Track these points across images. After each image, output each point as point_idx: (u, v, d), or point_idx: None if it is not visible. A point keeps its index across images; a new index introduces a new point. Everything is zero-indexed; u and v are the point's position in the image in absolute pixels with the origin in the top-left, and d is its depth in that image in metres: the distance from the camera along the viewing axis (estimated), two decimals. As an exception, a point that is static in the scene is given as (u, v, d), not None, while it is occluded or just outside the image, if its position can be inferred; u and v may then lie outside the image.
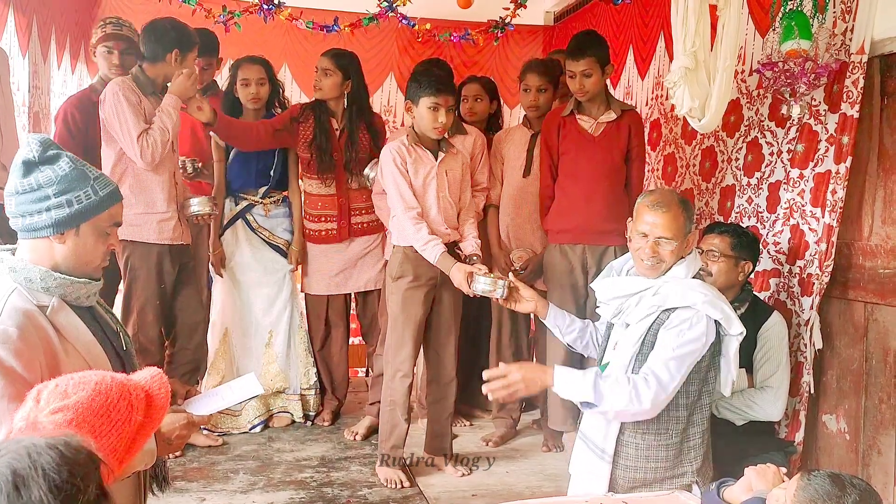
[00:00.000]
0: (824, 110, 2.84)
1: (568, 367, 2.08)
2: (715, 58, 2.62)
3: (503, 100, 4.16)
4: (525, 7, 4.46)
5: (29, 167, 1.57)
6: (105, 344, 1.66)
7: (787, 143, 3.04)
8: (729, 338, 2.11)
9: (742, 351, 2.20)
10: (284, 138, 3.56)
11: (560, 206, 3.28)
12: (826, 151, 2.83)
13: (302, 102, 3.74)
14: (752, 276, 2.92)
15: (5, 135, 3.04)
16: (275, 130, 3.51)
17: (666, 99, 3.95)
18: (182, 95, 3.17)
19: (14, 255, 1.62)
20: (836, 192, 2.77)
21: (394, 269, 3.05)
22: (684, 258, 2.18)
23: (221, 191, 3.69)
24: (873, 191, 2.74)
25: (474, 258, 2.99)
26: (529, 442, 3.55)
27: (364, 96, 3.62)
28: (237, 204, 3.67)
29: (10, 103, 3.32)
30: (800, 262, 2.92)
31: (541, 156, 3.39)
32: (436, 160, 3.02)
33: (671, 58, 2.80)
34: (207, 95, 3.57)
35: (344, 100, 3.56)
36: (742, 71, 3.31)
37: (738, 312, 2.70)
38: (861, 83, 2.69)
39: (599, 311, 2.34)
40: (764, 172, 3.17)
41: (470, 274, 2.75)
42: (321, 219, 3.63)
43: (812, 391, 2.88)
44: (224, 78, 3.99)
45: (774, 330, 2.70)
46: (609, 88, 3.43)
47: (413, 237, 2.92)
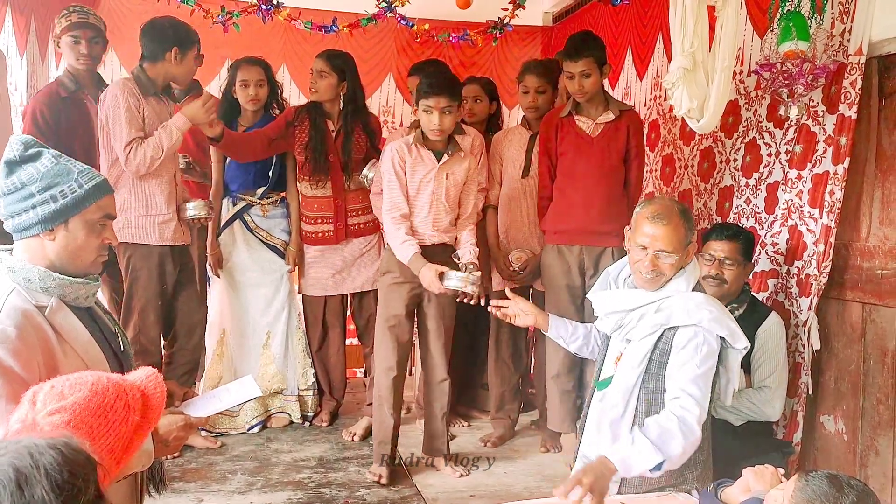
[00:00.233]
0: (822, 111, 2.85)
1: (617, 445, 1.91)
2: (713, 58, 2.62)
3: (502, 100, 4.15)
4: (524, 8, 4.45)
5: (11, 167, 1.58)
6: (103, 344, 1.66)
7: (786, 144, 3.04)
8: (733, 350, 2.06)
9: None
10: (280, 146, 3.54)
11: (558, 207, 3.27)
12: (824, 152, 2.83)
13: (296, 105, 3.71)
14: (751, 277, 2.93)
15: (1, 135, 3.04)
16: (270, 141, 3.48)
17: (664, 100, 3.94)
18: (193, 120, 3.11)
19: (12, 256, 1.62)
20: (834, 193, 2.77)
21: (383, 265, 3.14)
22: (684, 269, 2.13)
23: (219, 191, 3.68)
24: (871, 192, 2.75)
25: (470, 266, 2.95)
26: (528, 442, 3.55)
27: (360, 97, 3.60)
28: (235, 204, 3.66)
29: (7, 104, 3.32)
30: (798, 263, 2.92)
31: (539, 156, 3.38)
32: (437, 162, 3.01)
33: (669, 58, 2.79)
34: (191, 95, 3.54)
35: (340, 101, 3.55)
36: (740, 72, 3.31)
37: (737, 313, 2.71)
38: (859, 84, 2.69)
39: (597, 325, 2.31)
40: (762, 173, 3.18)
41: (442, 273, 2.82)
42: (317, 220, 3.63)
43: (810, 392, 2.88)
44: (222, 78, 3.99)
45: (772, 330, 2.70)
46: (607, 89, 3.43)
47: (390, 236, 3.00)
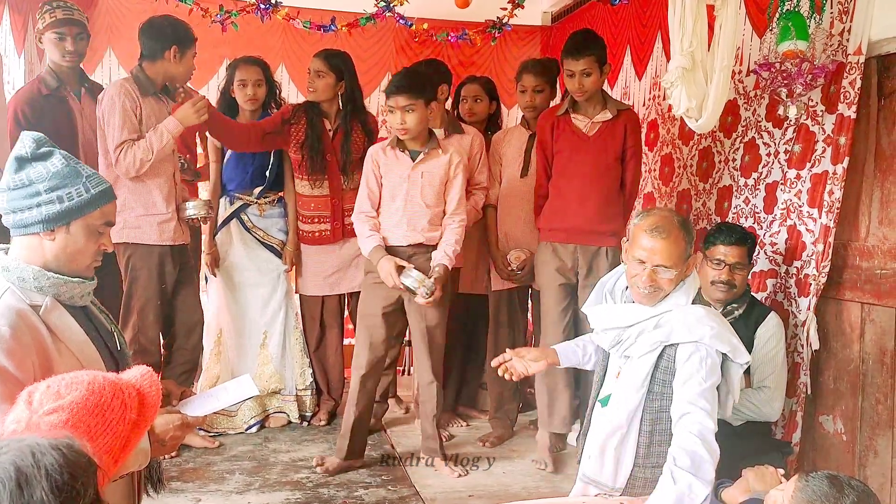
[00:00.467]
0: (821, 111, 2.84)
1: (660, 493, 1.83)
2: (712, 58, 2.62)
3: (501, 100, 4.14)
4: (522, 7, 4.44)
5: (21, 163, 1.57)
6: (99, 344, 1.65)
7: (784, 144, 3.04)
8: (734, 364, 2.02)
9: None
10: (275, 142, 3.53)
11: (553, 206, 3.26)
12: (823, 152, 2.83)
13: (294, 103, 3.70)
14: (750, 277, 2.92)
15: None
16: (264, 134, 3.46)
17: (663, 99, 3.94)
18: (184, 123, 3.09)
19: (7, 255, 1.62)
20: (833, 193, 2.77)
21: (365, 265, 3.18)
22: (684, 281, 2.08)
23: (217, 191, 3.68)
24: (870, 191, 2.74)
25: (436, 269, 2.94)
26: (526, 442, 3.54)
27: (358, 96, 3.59)
28: (232, 203, 3.65)
29: (3, 102, 3.30)
30: (797, 263, 2.92)
31: (536, 155, 3.38)
32: (413, 162, 3.01)
33: (668, 58, 2.79)
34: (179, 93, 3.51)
35: (338, 100, 3.54)
36: (739, 71, 3.31)
37: (737, 313, 2.71)
38: (858, 84, 2.69)
39: (594, 339, 2.27)
40: (761, 173, 3.17)
41: (401, 267, 2.91)
42: (314, 220, 3.62)
43: (809, 392, 2.88)
44: (221, 78, 3.98)
45: (772, 331, 2.70)
46: (606, 88, 3.42)
47: (357, 232, 3.11)
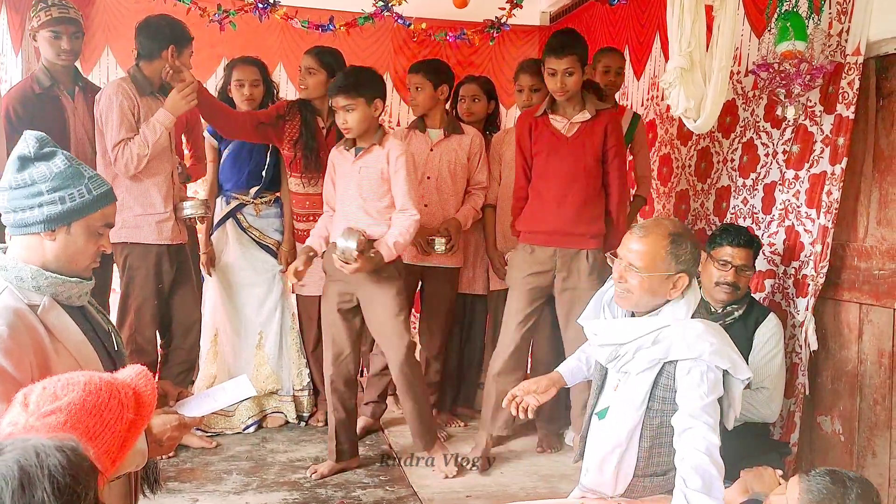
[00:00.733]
0: (820, 111, 2.84)
1: None
2: (710, 58, 2.62)
3: (500, 100, 4.14)
4: (521, 7, 4.44)
5: (24, 162, 1.57)
6: (96, 344, 1.65)
7: (783, 144, 3.04)
8: (735, 379, 1.98)
9: (739, 350, 2.17)
10: (269, 134, 3.49)
11: (532, 208, 3.20)
12: (821, 152, 2.83)
13: (288, 100, 3.67)
14: (748, 277, 2.92)
15: None
16: (259, 123, 3.44)
17: (661, 100, 3.94)
18: (175, 112, 3.07)
19: (5, 254, 1.61)
20: (832, 194, 2.77)
21: (322, 265, 3.19)
22: (683, 294, 1.98)
23: (213, 190, 3.67)
24: (868, 192, 2.75)
25: (372, 252, 2.91)
26: (524, 443, 3.54)
27: None
28: (228, 203, 3.65)
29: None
30: (795, 264, 2.92)
31: (515, 156, 3.32)
32: (354, 158, 3.03)
33: (667, 58, 2.78)
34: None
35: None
36: (737, 72, 3.31)
37: (737, 314, 2.70)
38: (857, 84, 2.69)
39: (591, 352, 2.24)
40: (759, 173, 3.17)
41: (309, 263, 3.04)
42: (309, 218, 3.59)
43: (807, 392, 2.88)
44: (218, 77, 3.97)
45: (771, 332, 2.69)
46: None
47: None
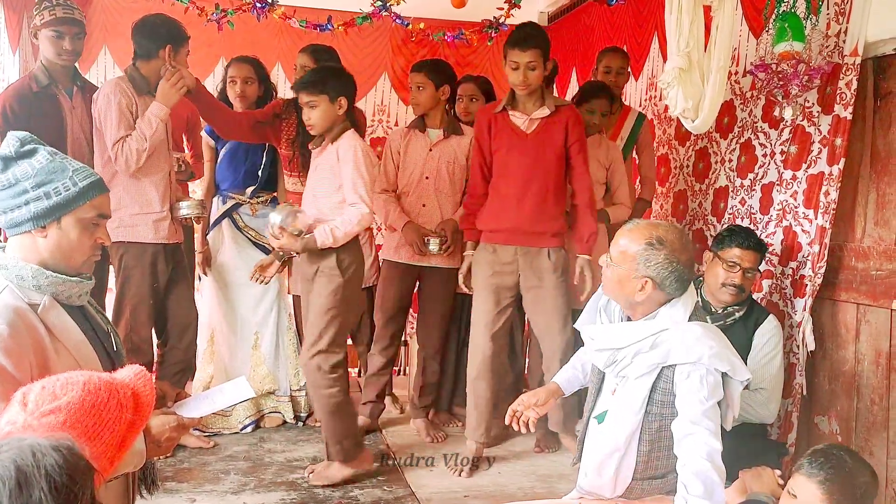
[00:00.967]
0: (817, 112, 2.85)
1: None
2: (709, 59, 2.62)
3: (497, 100, 4.14)
4: (519, 7, 4.44)
5: (6, 162, 1.56)
6: (95, 343, 1.65)
7: (780, 145, 3.05)
8: (734, 381, 1.97)
9: (738, 352, 2.17)
10: (266, 133, 3.48)
11: (492, 206, 3.15)
12: (819, 153, 2.83)
13: (285, 98, 3.65)
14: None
15: None
16: (256, 122, 3.43)
17: (660, 100, 3.95)
18: (167, 103, 3.06)
19: (5, 253, 1.61)
20: (829, 194, 2.77)
21: None
22: (679, 297, 1.96)
23: (210, 190, 3.67)
24: (866, 192, 2.75)
25: (305, 236, 2.89)
26: (522, 443, 3.54)
27: None
28: (224, 203, 3.64)
29: None
30: (792, 264, 2.92)
31: (472, 154, 3.28)
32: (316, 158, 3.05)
33: (665, 58, 2.79)
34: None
35: None
36: (735, 72, 3.31)
37: (737, 315, 2.70)
38: (854, 85, 2.69)
39: (588, 356, 2.22)
40: (757, 174, 3.18)
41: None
42: None
43: (804, 392, 2.88)
44: (216, 77, 3.97)
45: (770, 333, 2.69)
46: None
47: None
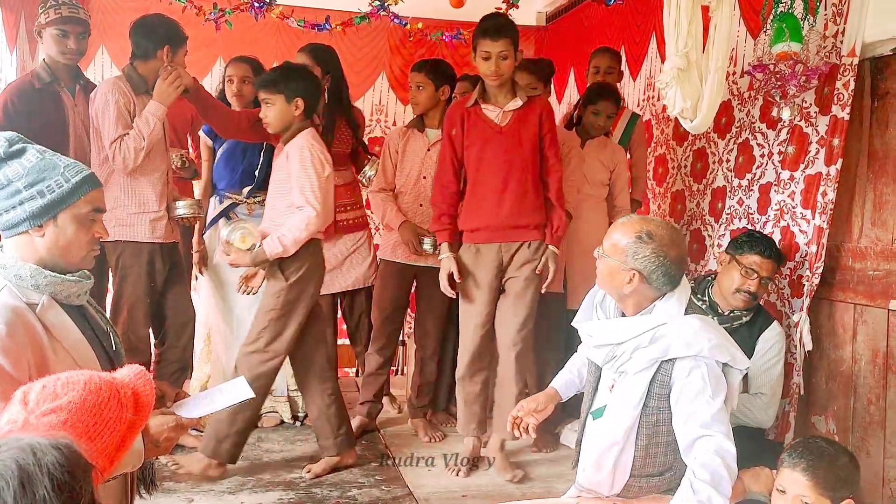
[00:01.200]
0: (815, 112, 2.86)
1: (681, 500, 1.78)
2: (707, 59, 2.62)
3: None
4: (517, 7, 4.43)
5: None
6: (94, 343, 1.65)
7: (778, 145, 3.05)
8: (734, 370, 1.96)
9: None
10: (265, 133, 3.43)
11: (470, 204, 3.09)
12: (816, 153, 2.84)
13: None
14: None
15: None
16: (255, 121, 3.35)
17: (658, 100, 3.95)
18: (164, 101, 3.05)
19: (3, 253, 1.61)
20: (827, 194, 2.78)
21: None
22: (674, 291, 1.95)
23: (207, 190, 3.66)
24: (863, 193, 2.76)
25: (256, 246, 2.89)
26: (520, 442, 3.53)
27: (343, 90, 3.58)
28: (221, 202, 3.63)
29: None
30: (790, 264, 2.93)
31: (441, 150, 3.20)
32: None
33: (663, 59, 2.80)
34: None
35: (324, 95, 3.52)
36: (733, 73, 3.32)
37: (744, 319, 2.69)
38: (852, 85, 2.70)
39: (587, 354, 2.21)
40: (755, 174, 3.18)
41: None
42: None
43: (802, 392, 2.89)
44: (214, 76, 3.97)
45: (774, 339, 2.70)
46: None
47: None
